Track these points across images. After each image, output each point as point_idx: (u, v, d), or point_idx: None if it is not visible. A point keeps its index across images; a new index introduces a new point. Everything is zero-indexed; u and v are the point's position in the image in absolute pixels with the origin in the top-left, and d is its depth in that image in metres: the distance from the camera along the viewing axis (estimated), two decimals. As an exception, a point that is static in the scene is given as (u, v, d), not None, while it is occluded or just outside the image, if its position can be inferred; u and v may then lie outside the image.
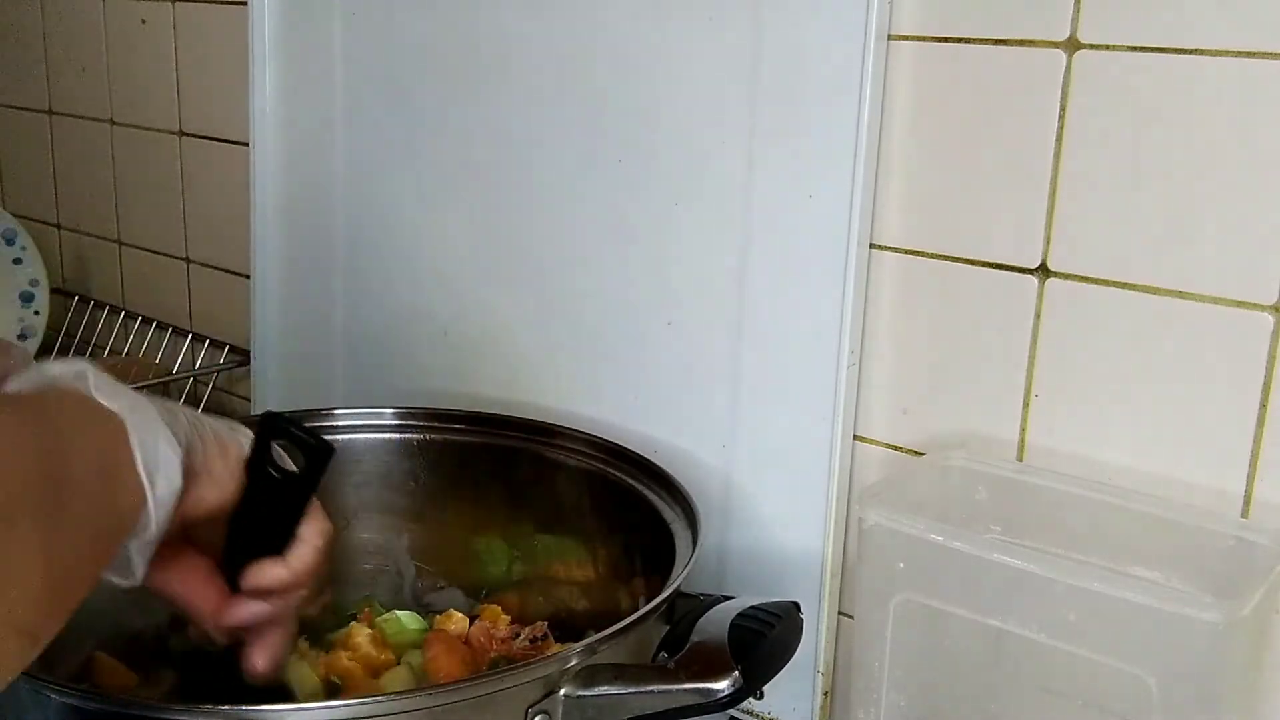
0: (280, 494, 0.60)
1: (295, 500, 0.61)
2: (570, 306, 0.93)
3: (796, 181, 0.79)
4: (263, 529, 0.61)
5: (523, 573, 0.89)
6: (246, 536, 0.61)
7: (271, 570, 0.61)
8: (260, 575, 0.61)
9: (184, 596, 0.61)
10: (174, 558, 0.60)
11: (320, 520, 0.63)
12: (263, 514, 0.60)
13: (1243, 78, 0.65)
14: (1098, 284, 0.72)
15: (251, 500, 0.60)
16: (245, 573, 0.61)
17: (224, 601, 0.62)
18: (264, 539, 0.61)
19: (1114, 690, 0.64)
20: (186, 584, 0.61)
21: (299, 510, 0.62)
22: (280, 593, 0.62)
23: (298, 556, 0.62)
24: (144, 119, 1.32)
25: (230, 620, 0.62)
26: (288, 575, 0.62)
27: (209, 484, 0.58)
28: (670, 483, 0.79)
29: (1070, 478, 0.73)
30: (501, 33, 0.93)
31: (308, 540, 0.62)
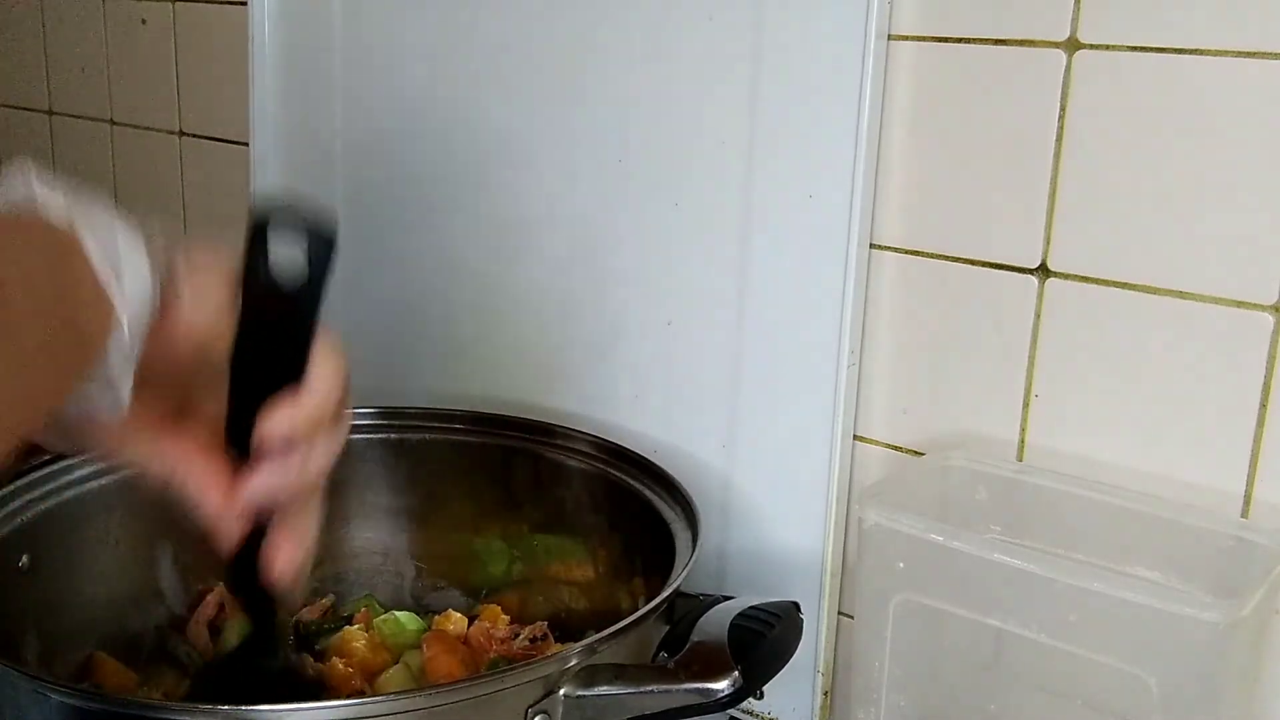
0: (283, 307, 0.49)
1: (301, 314, 0.50)
2: (570, 306, 0.93)
3: (796, 181, 0.79)
4: (268, 360, 0.50)
5: (523, 573, 0.89)
6: (251, 375, 0.50)
7: (283, 411, 0.50)
8: (272, 419, 0.50)
9: (185, 478, 0.51)
10: (168, 429, 0.50)
11: (331, 353, 0.52)
12: (266, 338, 0.49)
13: (1243, 78, 0.65)
14: (1098, 284, 0.72)
15: (250, 320, 0.49)
16: (257, 421, 0.50)
17: (234, 479, 0.51)
18: (272, 375, 0.50)
19: (1114, 690, 0.64)
20: (186, 460, 0.51)
21: (308, 326, 0.51)
22: (302, 441, 0.51)
23: (314, 386, 0.50)
24: (144, 119, 1.32)
25: (246, 500, 0.51)
26: (303, 410, 0.50)
27: (198, 305, 0.48)
28: (670, 483, 0.79)
29: (1070, 478, 0.73)
30: (501, 32, 0.93)
31: (319, 376, 0.51)
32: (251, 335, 0.49)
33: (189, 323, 0.48)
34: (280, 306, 0.49)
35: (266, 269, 0.48)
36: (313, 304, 0.50)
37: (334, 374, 0.52)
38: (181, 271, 0.48)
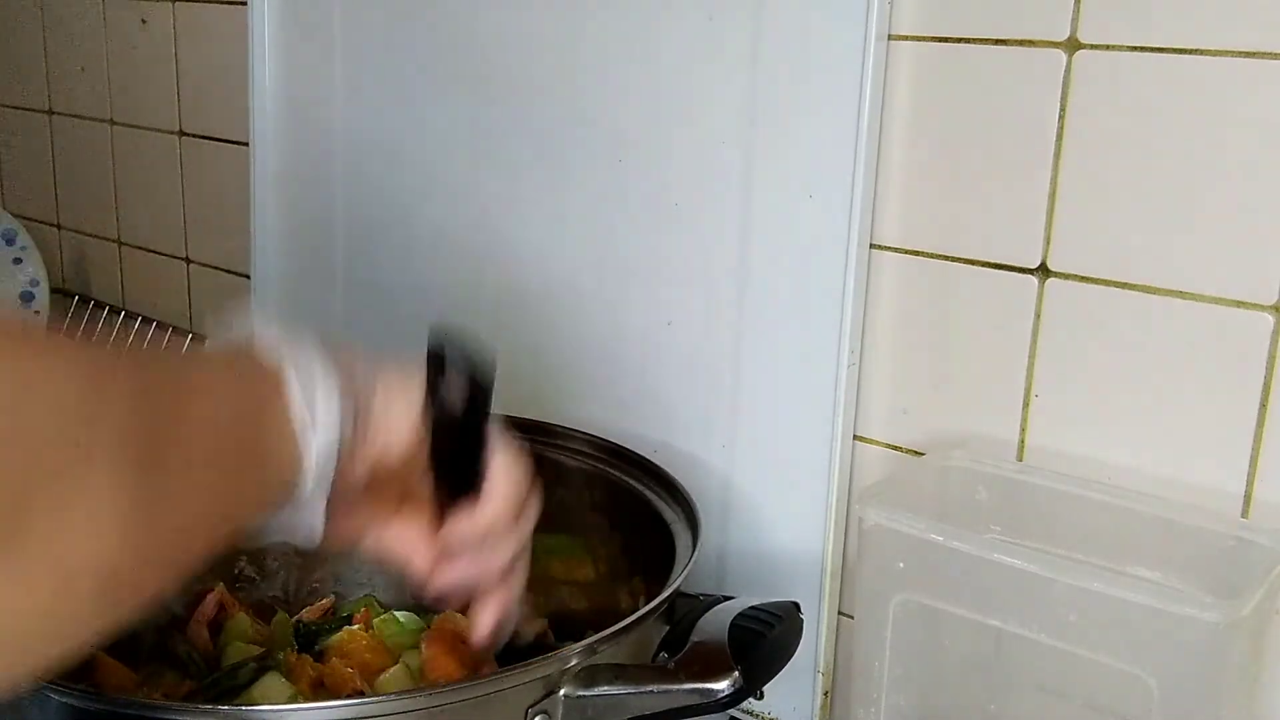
0: (462, 426, 0.57)
1: (475, 434, 0.58)
2: (570, 306, 0.93)
3: (796, 181, 0.79)
4: (452, 471, 0.58)
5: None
6: (444, 483, 0.58)
7: (470, 519, 0.58)
8: (458, 526, 0.58)
9: (401, 558, 0.59)
10: (387, 516, 0.58)
11: (504, 459, 0.59)
12: (448, 455, 0.57)
13: (1243, 78, 0.65)
14: (1098, 284, 0.72)
15: (435, 442, 0.57)
16: (446, 527, 0.58)
17: (436, 562, 0.59)
18: (459, 480, 0.58)
19: (1114, 690, 0.64)
20: (398, 546, 0.59)
21: (481, 443, 0.58)
22: (486, 539, 0.59)
23: (491, 496, 0.58)
24: (144, 119, 1.32)
25: (441, 589, 0.60)
26: (487, 517, 0.58)
27: (391, 430, 0.55)
28: (670, 483, 0.79)
29: (1070, 478, 0.73)
30: (501, 32, 0.93)
31: (495, 485, 0.58)
32: (438, 447, 0.57)
33: (386, 447, 0.55)
34: (456, 422, 0.57)
35: (445, 402, 0.57)
36: (482, 426, 0.58)
37: (511, 484, 0.59)
38: (376, 408, 0.55)
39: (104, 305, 1.40)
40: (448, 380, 0.56)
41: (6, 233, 1.33)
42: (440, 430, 0.56)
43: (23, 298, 1.35)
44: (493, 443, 0.58)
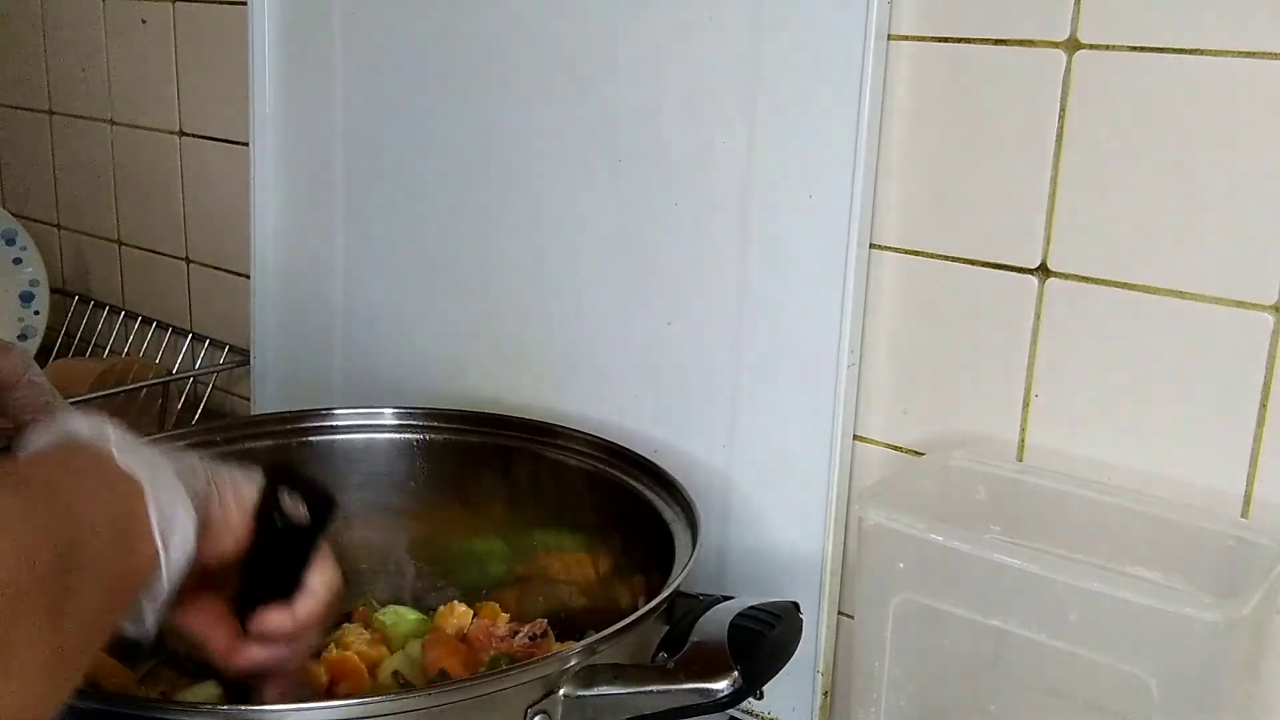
0: (287, 542, 0.61)
1: (303, 548, 0.62)
2: (570, 306, 0.93)
3: (796, 181, 0.79)
4: (272, 574, 0.62)
5: (523, 572, 0.89)
6: (256, 581, 0.62)
7: (276, 618, 0.62)
8: (266, 622, 0.62)
9: (199, 636, 0.63)
10: (189, 598, 0.60)
11: (327, 570, 0.64)
12: (271, 561, 0.61)
13: (1243, 78, 0.65)
14: (1098, 284, 0.72)
15: (260, 548, 0.61)
16: (252, 618, 0.62)
17: (235, 643, 0.63)
18: (273, 583, 0.62)
19: (1114, 690, 0.64)
20: (201, 624, 0.62)
21: (306, 558, 0.63)
22: (287, 639, 0.63)
23: (303, 605, 0.63)
24: (144, 119, 1.32)
25: (238, 665, 0.63)
26: (292, 624, 0.62)
27: (223, 534, 0.59)
28: (670, 483, 0.79)
29: (1070, 478, 0.73)
30: (501, 33, 0.93)
31: (314, 589, 0.63)
32: (259, 556, 0.61)
33: (216, 547, 0.58)
34: (284, 543, 0.61)
35: (275, 517, 0.61)
36: (310, 544, 0.63)
37: (319, 597, 0.63)
38: (215, 508, 0.58)
39: (104, 305, 1.40)
40: (284, 500, 0.61)
41: (6, 233, 1.33)
42: (268, 540, 0.60)
43: (23, 298, 1.35)
44: (314, 554, 0.63)
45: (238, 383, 1.28)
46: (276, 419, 0.91)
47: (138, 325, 1.36)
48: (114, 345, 1.39)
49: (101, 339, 1.40)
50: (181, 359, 1.30)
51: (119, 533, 0.51)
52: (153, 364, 1.30)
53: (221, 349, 1.26)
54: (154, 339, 1.35)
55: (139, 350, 1.36)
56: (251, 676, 0.64)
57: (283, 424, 0.90)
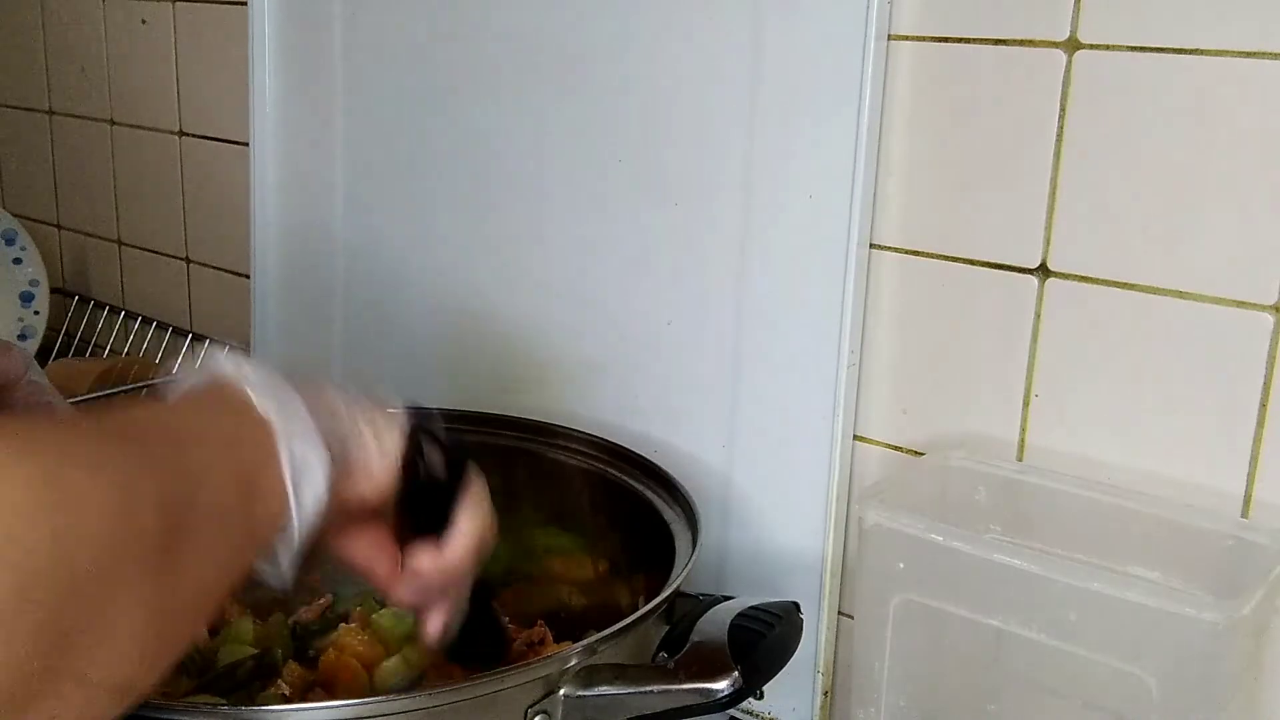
0: (430, 490, 0.61)
1: (447, 494, 0.62)
2: (570, 306, 0.93)
3: (796, 181, 0.79)
4: (421, 515, 0.62)
5: (522, 572, 0.89)
6: (408, 518, 0.62)
7: (428, 558, 0.62)
8: (419, 560, 0.62)
9: (361, 565, 0.63)
10: (352, 526, 0.61)
11: (476, 511, 0.63)
12: (419, 503, 0.62)
13: (1243, 78, 0.65)
14: (1098, 284, 0.72)
15: (407, 496, 0.61)
16: (406, 554, 0.62)
17: (396, 574, 0.63)
18: (424, 521, 0.62)
19: (1114, 690, 0.64)
20: (363, 554, 0.63)
21: (452, 499, 0.62)
22: (440, 576, 0.63)
23: (453, 546, 0.62)
24: (144, 119, 1.32)
25: (398, 596, 0.63)
26: (443, 563, 0.62)
27: (362, 481, 0.58)
28: (670, 483, 0.79)
29: (1070, 478, 0.73)
30: (501, 33, 0.93)
31: (463, 530, 0.62)
32: (407, 502, 0.61)
33: (359, 493, 0.58)
34: (428, 492, 0.61)
35: (418, 470, 0.61)
36: (453, 493, 0.62)
37: (476, 531, 0.63)
38: (356, 455, 0.57)
39: (104, 305, 1.40)
40: (425, 451, 0.61)
41: (6, 233, 1.33)
42: (411, 483, 0.60)
43: (22, 298, 1.35)
44: (463, 492, 0.63)
45: (238, 383, 1.28)
46: (276, 419, 0.91)
47: (138, 325, 1.36)
48: (114, 345, 1.39)
49: (101, 339, 1.40)
50: (181, 359, 1.30)
51: (246, 483, 0.50)
52: (153, 364, 1.30)
53: (221, 349, 1.26)
54: (154, 339, 1.35)
55: (139, 350, 1.36)
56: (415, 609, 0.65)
57: (283, 424, 0.90)
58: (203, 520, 0.46)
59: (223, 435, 0.51)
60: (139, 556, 0.41)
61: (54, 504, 0.37)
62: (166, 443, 0.47)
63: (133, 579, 0.41)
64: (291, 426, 0.52)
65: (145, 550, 0.42)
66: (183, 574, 0.44)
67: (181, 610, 0.45)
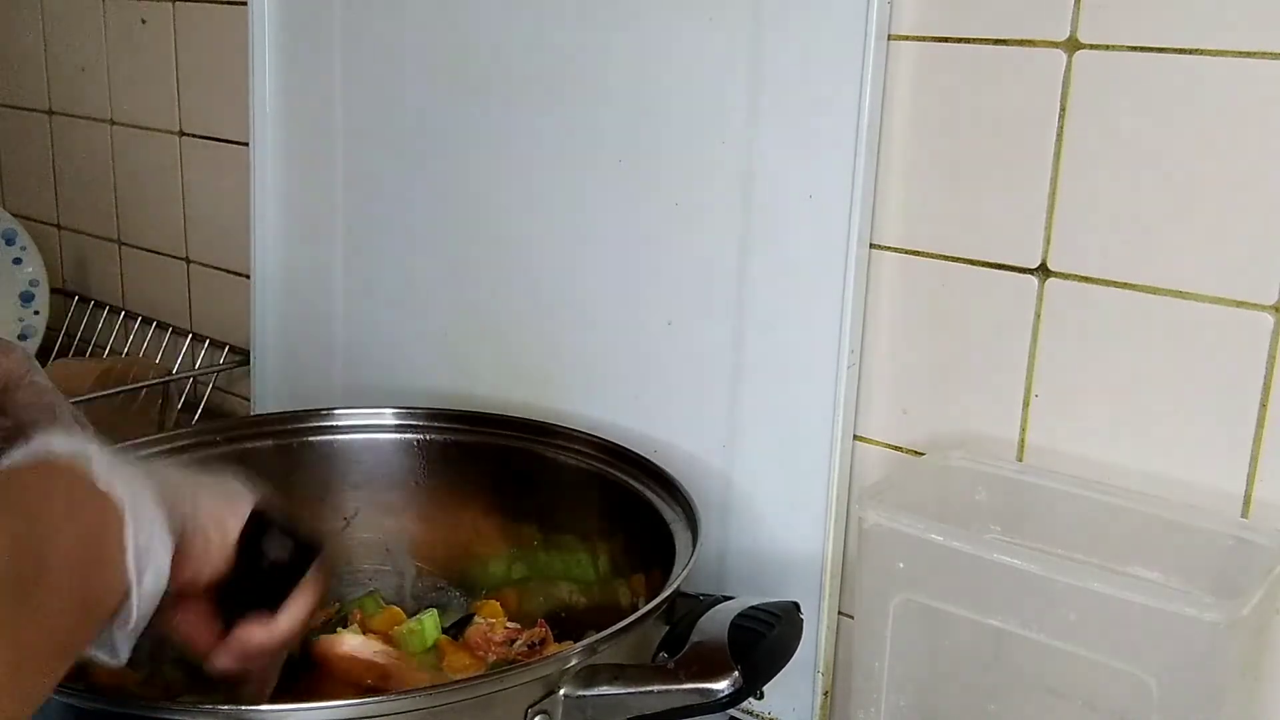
0: (270, 574, 0.62)
1: (286, 578, 0.63)
2: (570, 306, 0.93)
3: (796, 181, 0.79)
4: (254, 593, 0.63)
5: (522, 572, 0.89)
6: (238, 594, 0.62)
7: (256, 634, 0.63)
8: (246, 636, 0.63)
9: (183, 637, 0.63)
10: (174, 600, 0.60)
11: (310, 594, 0.64)
12: (253, 583, 0.62)
13: (1243, 78, 0.65)
14: (1098, 284, 0.72)
15: (242, 574, 0.61)
16: (233, 630, 0.63)
17: (216, 647, 0.63)
18: (256, 598, 0.63)
19: (1114, 690, 0.64)
20: (185, 625, 0.62)
21: (289, 587, 0.63)
22: (265, 653, 0.64)
23: (283, 623, 0.63)
24: (144, 119, 1.32)
25: (219, 666, 0.64)
26: (271, 640, 0.63)
27: (202, 566, 0.59)
28: (670, 483, 0.79)
29: (1070, 478, 0.73)
30: (501, 34, 0.93)
31: (295, 608, 0.63)
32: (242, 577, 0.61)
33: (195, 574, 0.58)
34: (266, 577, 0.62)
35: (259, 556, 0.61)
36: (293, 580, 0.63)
37: (298, 617, 0.63)
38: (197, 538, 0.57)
39: (104, 305, 1.40)
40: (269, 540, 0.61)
41: (6, 233, 1.33)
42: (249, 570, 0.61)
43: (22, 298, 1.35)
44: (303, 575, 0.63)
45: (238, 383, 1.28)
46: (276, 419, 0.91)
47: (138, 325, 1.36)
48: (114, 345, 1.39)
49: (101, 339, 1.40)
50: (181, 359, 1.30)
51: (90, 556, 0.50)
52: (153, 364, 1.30)
53: (221, 349, 1.26)
54: (154, 339, 1.35)
55: (139, 350, 1.36)
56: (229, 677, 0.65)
57: (283, 424, 0.90)
58: (53, 580, 0.47)
59: (65, 508, 0.50)
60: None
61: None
62: (16, 505, 0.48)
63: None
64: (138, 507, 0.52)
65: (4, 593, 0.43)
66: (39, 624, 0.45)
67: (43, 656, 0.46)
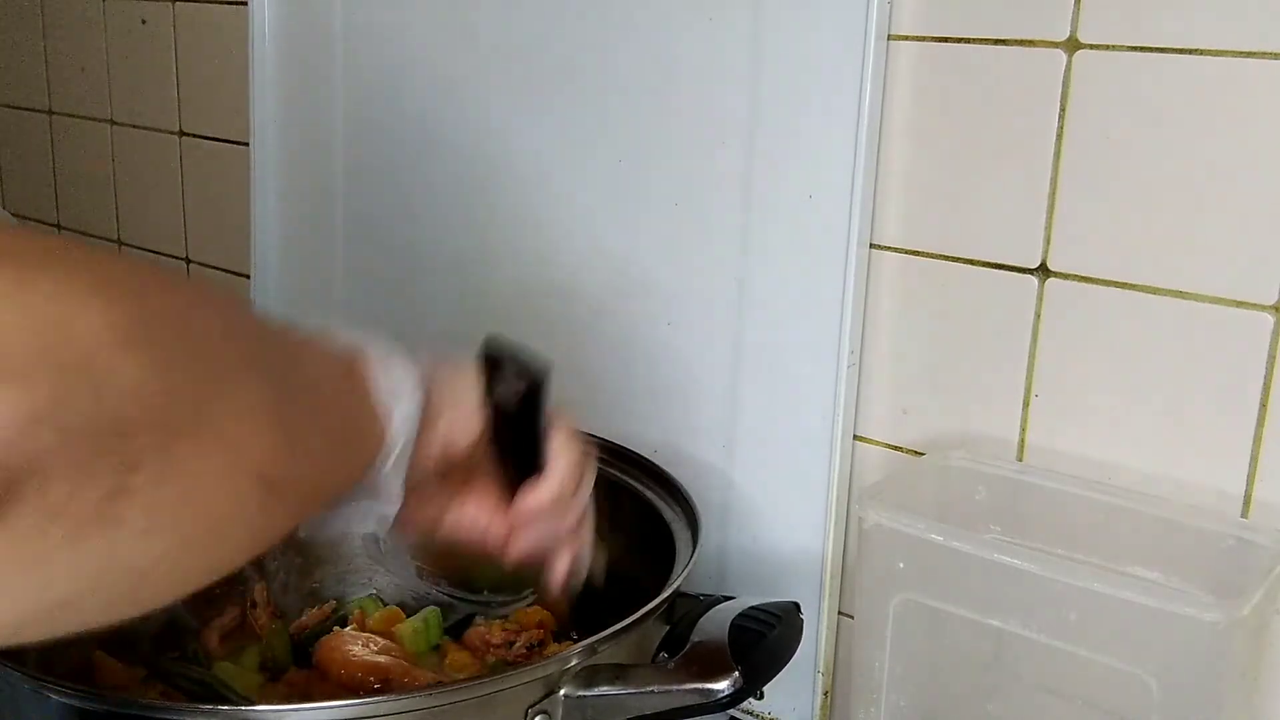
0: (520, 419, 0.61)
1: (532, 422, 0.61)
2: (570, 306, 0.93)
3: (796, 181, 0.79)
4: (515, 458, 0.62)
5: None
6: (504, 465, 0.62)
7: (532, 496, 0.62)
8: (526, 501, 0.62)
9: (468, 533, 0.63)
10: (457, 502, 0.61)
11: (563, 435, 0.62)
12: (509, 446, 0.61)
13: (1243, 78, 0.65)
14: (1098, 284, 0.72)
15: (497, 431, 0.60)
16: (514, 502, 0.62)
17: (509, 533, 0.63)
18: (522, 462, 0.62)
19: (1114, 690, 0.64)
20: (468, 523, 0.62)
21: (538, 430, 0.62)
22: (555, 509, 0.63)
23: (554, 474, 0.62)
24: (144, 119, 1.32)
25: (516, 553, 0.63)
26: (549, 495, 0.62)
27: (456, 420, 0.58)
28: (670, 483, 0.79)
29: (1070, 478, 0.73)
30: (501, 33, 0.93)
31: (560, 452, 0.62)
32: (499, 434, 0.60)
33: (452, 436, 0.58)
34: (517, 421, 0.61)
35: (501, 397, 0.60)
36: (537, 416, 0.61)
37: (569, 461, 0.62)
38: (441, 398, 0.57)
39: (104, 305, 1.40)
40: (503, 376, 0.60)
41: (6, 233, 1.33)
42: (499, 420, 0.60)
43: (23, 298, 1.35)
44: (550, 425, 0.62)
45: (238, 383, 1.28)
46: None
47: (138, 325, 1.36)
48: (114, 345, 1.39)
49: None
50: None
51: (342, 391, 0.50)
52: (153, 364, 1.30)
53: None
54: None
55: (139, 350, 1.36)
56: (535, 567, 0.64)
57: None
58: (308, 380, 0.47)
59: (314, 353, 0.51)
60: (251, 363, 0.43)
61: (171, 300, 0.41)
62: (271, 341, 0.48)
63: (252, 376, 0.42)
64: (381, 351, 0.54)
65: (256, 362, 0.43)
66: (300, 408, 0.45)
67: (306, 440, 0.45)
